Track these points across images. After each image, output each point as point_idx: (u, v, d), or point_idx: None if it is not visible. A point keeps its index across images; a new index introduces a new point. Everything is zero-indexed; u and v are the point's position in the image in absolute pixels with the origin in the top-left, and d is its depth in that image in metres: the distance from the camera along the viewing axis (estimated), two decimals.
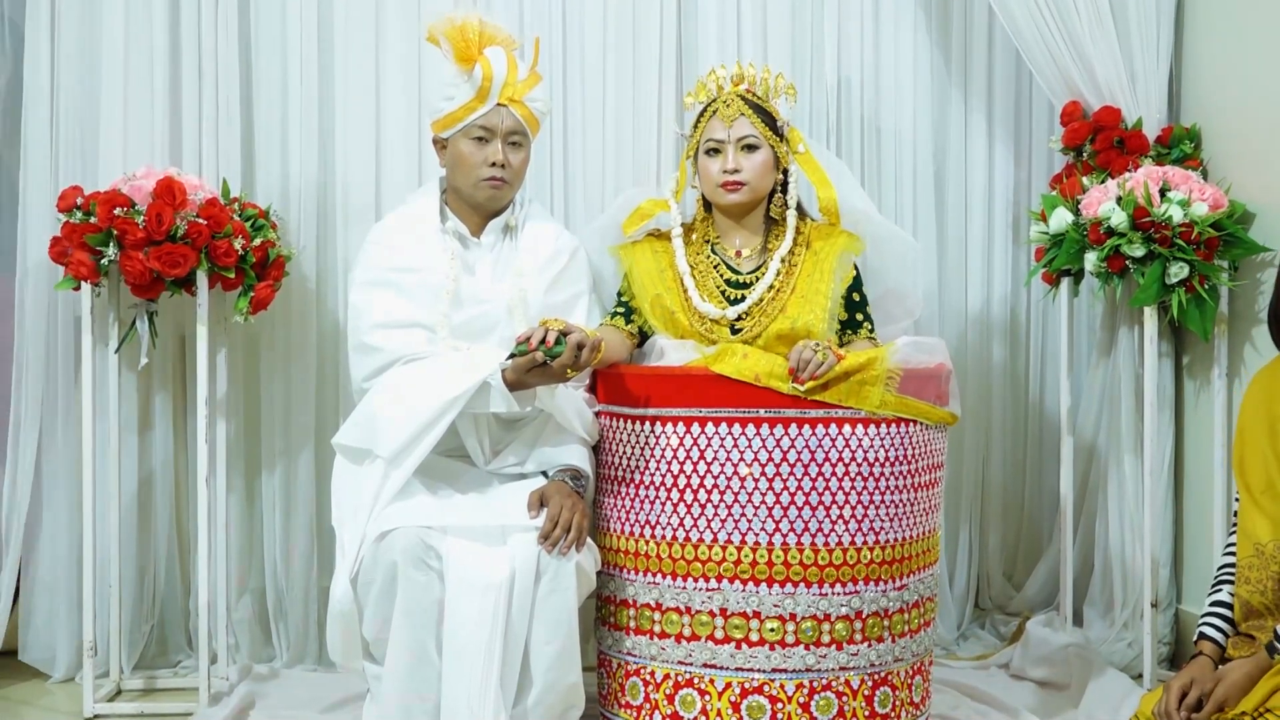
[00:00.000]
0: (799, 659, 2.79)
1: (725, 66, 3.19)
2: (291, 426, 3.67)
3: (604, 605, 2.99)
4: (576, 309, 3.11)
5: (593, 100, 3.76)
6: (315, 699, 3.37)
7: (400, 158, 3.70)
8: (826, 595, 2.79)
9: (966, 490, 3.98)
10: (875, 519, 2.82)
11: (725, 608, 2.80)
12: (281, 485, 3.67)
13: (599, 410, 3.01)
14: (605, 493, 2.99)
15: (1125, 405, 3.63)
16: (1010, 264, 4.02)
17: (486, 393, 2.80)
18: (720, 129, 3.07)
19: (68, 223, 3.27)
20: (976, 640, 3.89)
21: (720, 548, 2.80)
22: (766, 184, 3.10)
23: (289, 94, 3.66)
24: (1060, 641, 3.54)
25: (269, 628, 3.70)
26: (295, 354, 3.66)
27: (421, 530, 2.73)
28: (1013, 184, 4.01)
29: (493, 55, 2.99)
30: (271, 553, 3.68)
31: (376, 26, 3.69)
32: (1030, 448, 4.05)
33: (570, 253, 3.15)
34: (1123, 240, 3.31)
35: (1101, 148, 3.57)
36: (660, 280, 3.09)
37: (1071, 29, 3.57)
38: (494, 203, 3.07)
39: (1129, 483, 3.63)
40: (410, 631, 2.71)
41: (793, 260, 3.08)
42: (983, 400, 3.97)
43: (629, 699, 2.92)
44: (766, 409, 2.78)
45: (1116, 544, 3.66)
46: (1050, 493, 3.96)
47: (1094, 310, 3.82)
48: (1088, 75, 3.61)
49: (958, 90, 3.97)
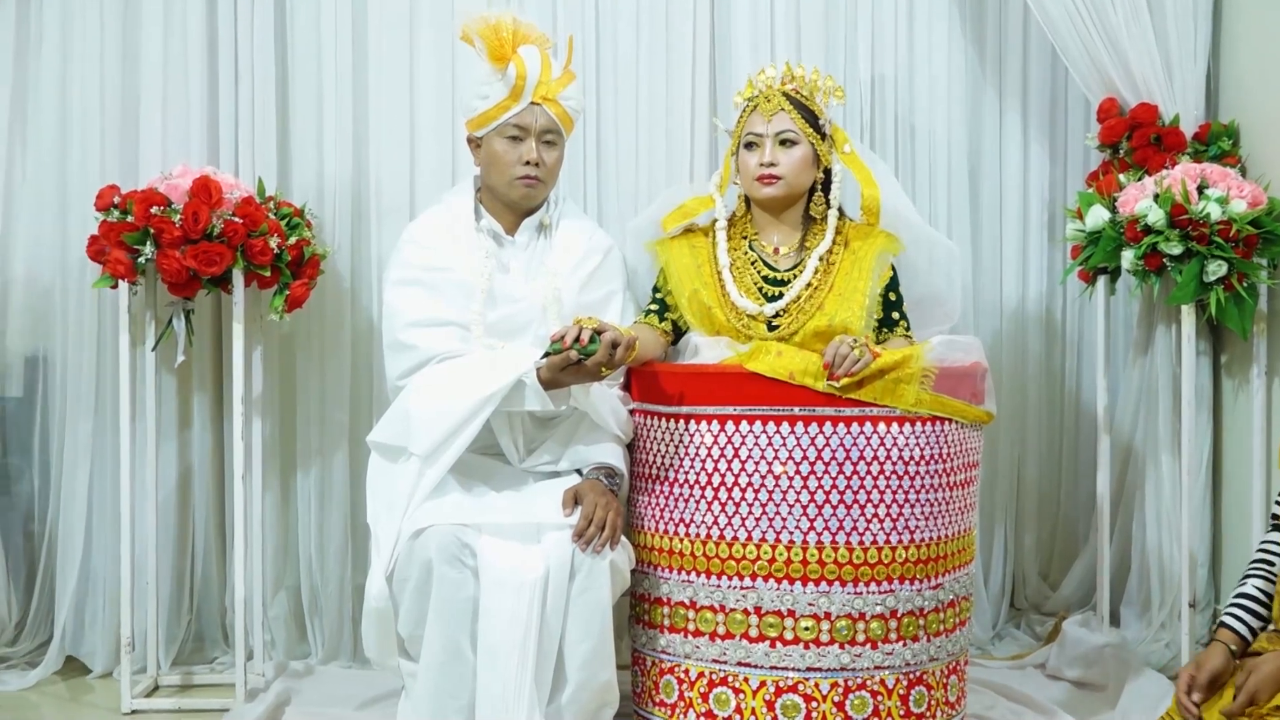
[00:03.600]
0: (834, 658, 2.78)
1: (775, 66, 3.19)
2: (326, 424, 3.68)
3: (638, 603, 2.99)
4: (611, 307, 3.11)
5: (626, 98, 3.77)
6: (350, 696, 3.38)
7: (434, 156, 3.71)
8: (861, 594, 2.78)
9: (1002, 489, 3.96)
10: (910, 518, 2.81)
11: (760, 606, 2.79)
12: (317, 483, 3.69)
13: (633, 408, 3.01)
14: (640, 490, 2.99)
15: (1163, 404, 3.61)
16: (1046, 262, 3.99)
17: (521, 391, 2.80)
18: (760, 123, 3.06)
19: (105, 221, 3.30)
20: (1012, 640, 3.87)
21: (755, 546, 2.79)
22: (804, 180, 3.09)
23: (324, 93, 3.68)
24: (1097, 642, 3.52)
25: (304, 624, 3.72)
26: (330, 352, 3.68)
27: (456, 528, 2.74)
28: (1048, 181, 3.98)
29: (527, 54, 2.99)
30: (306, 550, 3.70)
31: (410, 26, 3.70)
32: (1066, 446, 4.03)
33: (604, 251, 3.15)
34: (1160, 238, 3.28)
35: (1138, 145, 3.55)
36: (698, 275, 3.09)
37: (1107, 24, 3.55)
38: (528, 201, 3.07)
39: (1166, 482, 3.61)
40: (444, 629, 2.72)
41: (831, 259, 3.07)
42: (1018, 398, 3.95)
43: (663, 697, 2.92)
44: (801, 407, 2.77)
45: (1154, 543, 3.64)
46: (1086, 492, 3.93)
47: (1130, 308, 3.80)
48: (1124, 71, 3.59)
49: (992, 87, 3.95)
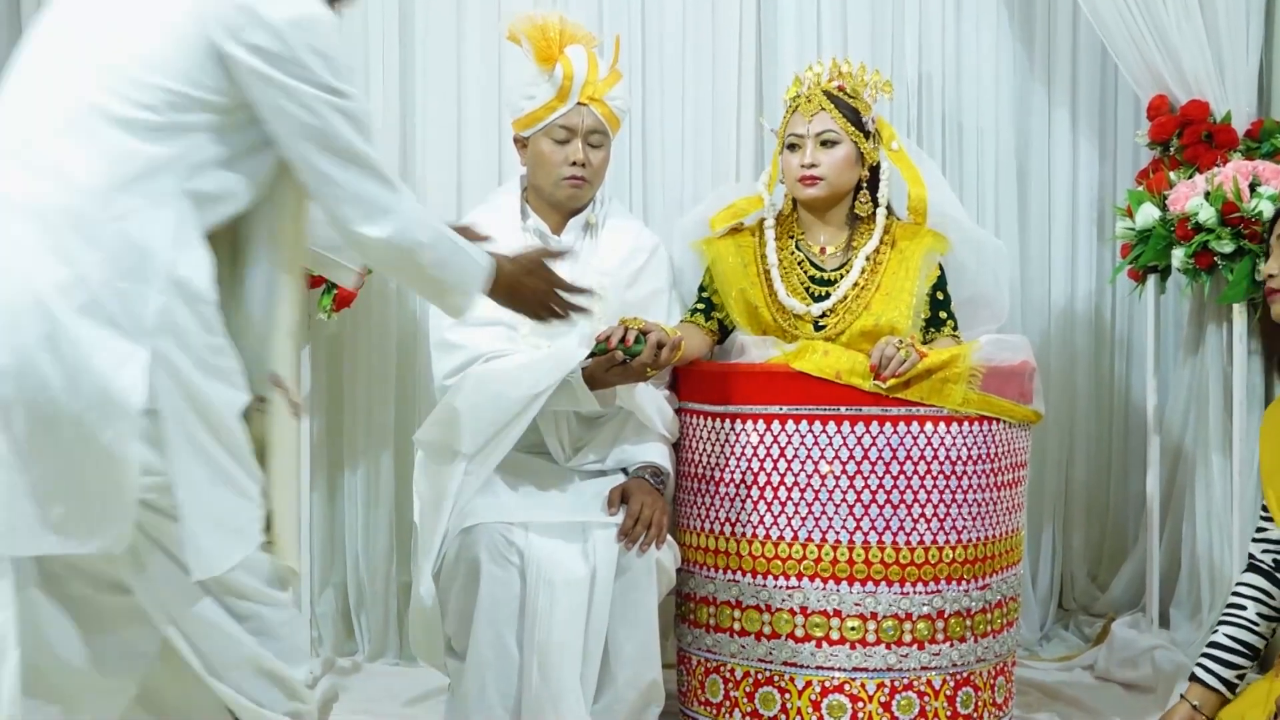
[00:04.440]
0: (880, 658, 2.77)
1: (821, 62, 3.18)
2: (373, 423, 3.70)
3: (684, 602, 2.99)
4: (656, 306, 3.10)
5: (672, 98, 3.76)
6: (397, 693, 3.40)
7: (480, 156, 3.72)
8: (908, 594, 2.77)
9: (1050, 489, 3.93)
10: (957, 518, 2.80)
11: (806, 606, 2.79)
12: (364, 481, 3.72)
13: (679, 407, 3.01)
14: (685, 490, 2.99)
15: (1214, 404, 3.57)
16: (1095, 260, 3.96)
17: (567, 390, 2.81)
18: (801, 124, 3.05)
19: None
20: (1060, 641, 3.84)
21: (801, 546, 2.79)
22: (846, 180, 3.07)
23: (370, 93, 3.69)
24: (1146, 644, 3.49)
25: (351, 622, 3.74)
26: (377, 351, 3.70)
27: (503, 526, 2.75)
28: (1097, 180, 3.95)
29: (573, 54, 2.99)
30: (354, 548, 3.72)
31: (457, 26, 3.71)
32: (1115, 447, 4.00)
33: (650, 250, 3.15)
34: (1211, 236, 3.26)
35: (1189, 142, 3.51)
36: (744, 274, 3.08)
37: (1158, 20, 3.51)
38: (574, 201, 3.08)
39: (1217, 482, 3.57)
40: (491, 627, 2.73)
41: (878, 258, 3.06)
42: (1067, 398, 3.93)
43: (709, 696, 2.92)
44: (848, 406, 2.77)
45: (1204, 545, 3.60)
46: (1136, 492, 3.90)
47: (1181, 307, 3.76)
48: (1174, 68, 3.55)
49: (1040, 84, 3.92)
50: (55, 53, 2.01)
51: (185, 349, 1.93)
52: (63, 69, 1.98)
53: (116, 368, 1.87)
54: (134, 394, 1.88)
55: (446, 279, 2.19)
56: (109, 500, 1.90)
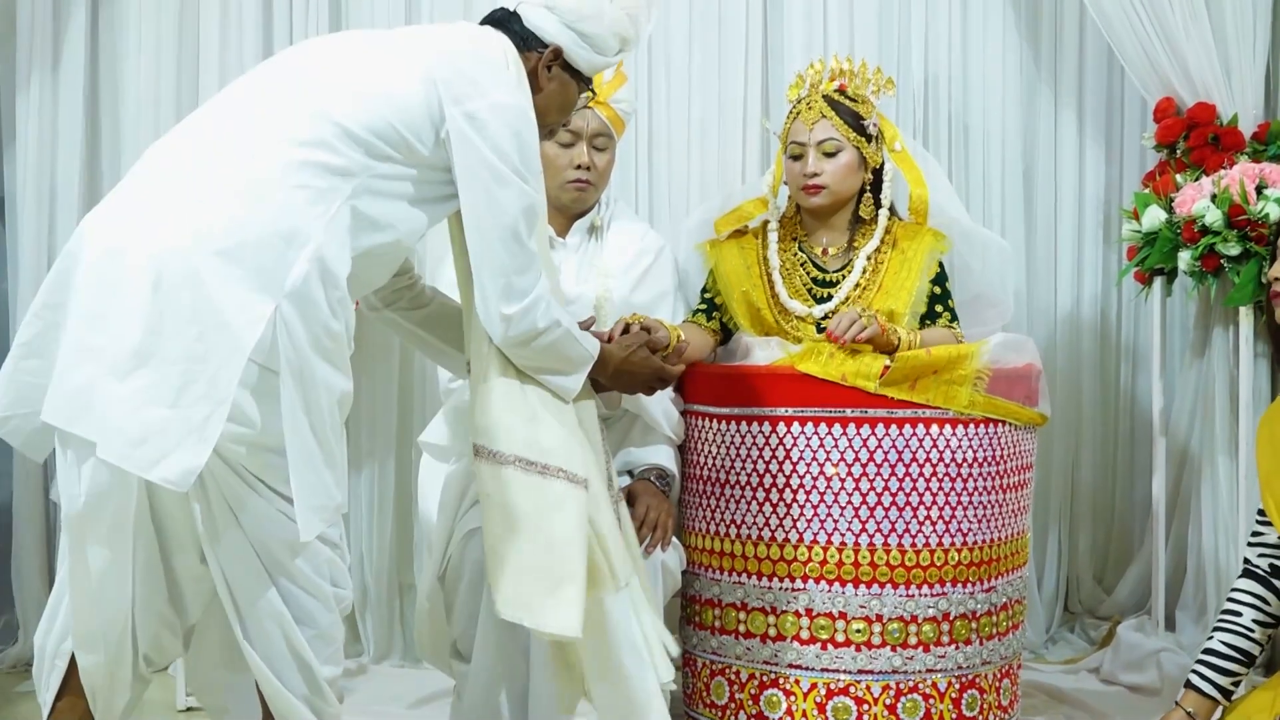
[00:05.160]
0: (885, 660, 2.77)
1: (823, 62, 3.17)
2: (378, 427, 3.70)
3: (689, 604, 2.99)
4: (662, 307, 3.10)
5: (678, 100, 3.76)
6: (402, 695, 3.41)
7: None
8: (914, 596, 2.77)
9: (1056, 492, 3.93)
10: (963, 520, 2.79)
11: (811, 608, 2.78)
12: (368, 484, 3.71)
13: (685, 409, 3.01)
14: (691, 492, 2.98)
15: (1220, 406, 3.57)
16: (1101, 263, 3.96)
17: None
18: (802, 132, 3.04)
19: None
20: (1066, 644, 3.84)
21: (806, 548, 2.79)
22: (849, 186, 3.06)
23: None
24: (1152, 646, 3.49)
25: (355, 624, 3.74)
26: (380, 355, 3.69)
27: None
28: (1104, 182, 3.95)
29: None
30: (358, 550, 3.72)
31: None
32: (1121, 449, 3.99)
33: (655, 252, 3.15)
34: (1218, 238, 3.26)
35: (1196, 144, 3.51)
36: (747, 276, 3.08)
37: (1164, 23, 3.51)
38: (579, 204, 3.08)
39: (1223, 485, 3.56)
40: (497, 628, 2.72)
41: (879, 258, 3.05)
42: (1073, 401, 3.92)
43: (714, 698, 2.92)
44: (853, 408, 2.76)
45: (1210, 548, 3.60)
46: (1142, 495, 3.90)
47: (1187, 310, 3.75)
48: (1181, 70, 3.55)
49: (1047, 86, 3.92)
50: (277, 84, 2.21)
51: (307, 322, 2.04)
52: (283, 99, 2.17)
53: (240, 309, 1.98)
54: (247, 334, 1.98)
55: (557, 364, 2.40)
56: (191, 428, 1.96)
